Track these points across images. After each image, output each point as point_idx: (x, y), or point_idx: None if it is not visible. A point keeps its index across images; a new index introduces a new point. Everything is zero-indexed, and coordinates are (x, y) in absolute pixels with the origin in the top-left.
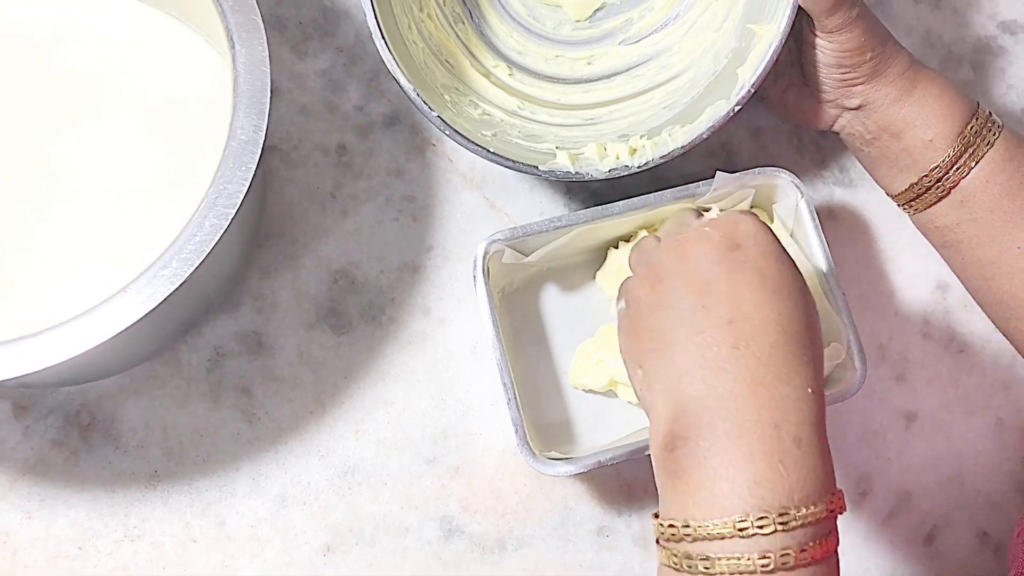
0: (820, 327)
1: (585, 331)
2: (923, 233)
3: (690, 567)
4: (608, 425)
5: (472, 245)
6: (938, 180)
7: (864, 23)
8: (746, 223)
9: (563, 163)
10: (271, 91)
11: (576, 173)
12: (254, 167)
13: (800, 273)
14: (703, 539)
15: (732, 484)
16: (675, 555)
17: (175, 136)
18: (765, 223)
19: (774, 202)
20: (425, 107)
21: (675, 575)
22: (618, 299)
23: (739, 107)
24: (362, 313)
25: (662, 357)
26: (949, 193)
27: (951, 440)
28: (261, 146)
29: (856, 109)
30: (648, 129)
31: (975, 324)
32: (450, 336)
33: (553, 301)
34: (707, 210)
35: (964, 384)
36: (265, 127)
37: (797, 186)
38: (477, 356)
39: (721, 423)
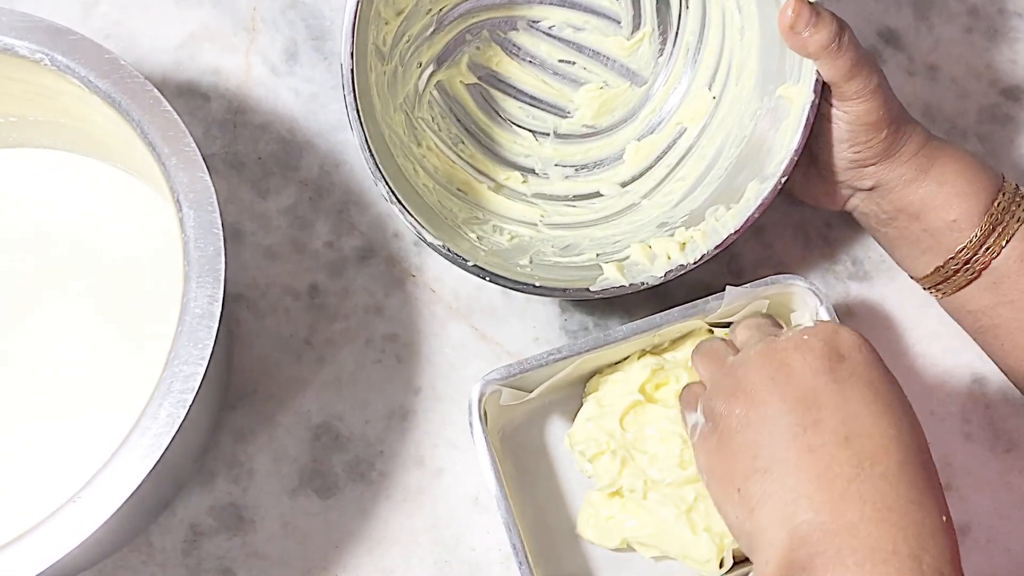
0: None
1: None
2: (955, 318)
3: None
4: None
5: (464, 382)
6: (966, 262)
7: (883, 97)
8: (847, 333)
9: (613, 277)
10: (227, 240)
11: (631, 285)
12: (211, 344)
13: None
14: None
15: None
16: None
17: (128, 302)
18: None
19: (792, 310)
20: (460, 259)
21: None
22: (687, 411)
23: (785, 178)
24: (349, 471)
25: (769, 478)
26: (979, 275)
27: (1011, 552)
28: (218, 319)
29: (869, 190)
30: (689, 213)
31: (1020, 418)
32: (449, 488)
33: (558, 435)
34: (723, 326)
35: (1017, 487)
36: (222, 296)
37: (815, 292)
38: (480, 508)
39: (851, 554)
